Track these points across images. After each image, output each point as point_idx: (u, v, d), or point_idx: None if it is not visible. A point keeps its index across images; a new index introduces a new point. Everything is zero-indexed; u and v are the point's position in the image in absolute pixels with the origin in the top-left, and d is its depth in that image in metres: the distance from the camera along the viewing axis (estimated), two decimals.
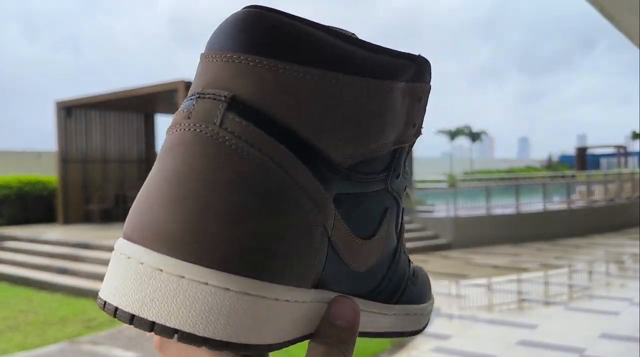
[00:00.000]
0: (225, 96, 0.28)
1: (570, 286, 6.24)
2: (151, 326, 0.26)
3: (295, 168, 0.28)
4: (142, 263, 0.27)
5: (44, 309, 5.75)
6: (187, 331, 0.26)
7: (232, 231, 0.27)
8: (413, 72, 0.32)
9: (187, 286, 0.26)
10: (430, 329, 4.59)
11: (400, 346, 4.17)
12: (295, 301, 0.29)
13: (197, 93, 0.28)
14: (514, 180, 13.31)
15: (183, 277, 0.26)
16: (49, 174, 13.00)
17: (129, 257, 0.27)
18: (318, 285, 0.31)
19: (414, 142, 0.36)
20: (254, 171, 0.27)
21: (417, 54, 0.33)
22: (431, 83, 0.35)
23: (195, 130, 0.27)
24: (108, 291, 0.27)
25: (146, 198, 0.28)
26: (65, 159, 11.76)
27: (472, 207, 11.25)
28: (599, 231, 11.35)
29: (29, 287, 6.92)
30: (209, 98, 0.28)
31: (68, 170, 11.83)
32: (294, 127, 0.28)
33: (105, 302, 0.27)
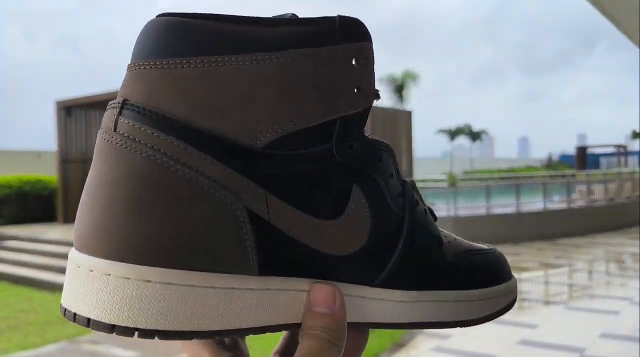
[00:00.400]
0: (118, 103, 0.30)
1: (571, 286, 6.23)
2: (73, 317, 0.29)
3: (190, 156, 0.29)
4: (72, 261, 0.30)
5: (44, 309, 5.75)
6: (96, 319, 0.28)
7: (128, 224, 0.28)
8: (334, 35, 0.31)
9: (94, 279, 0.28)
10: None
11: (400, 345, 4.16)
12: (232, 288, 0.29)
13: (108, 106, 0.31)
14: (514, 179, 13.32)
15: (92, 271, 0.28)
16: (49, 173, 13.00)
17: (69, 260, 0.30)
18: (276, 272, 0.31)
19: (369, 107, 0.33)
20: (145, 166, 0.29)
21: (335, 15, 0.32)
22: (372, 41, 0.32)
23: (102, 138, 0.30)
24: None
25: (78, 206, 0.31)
26: (65, 158, 11.77)
27: (472, 207, 11.24)
28: (599, 230, 11.34)
29: (30, 286, 6.92)
30: (110, 108, 0.30)
31: (68, 170, 11.84)
32: (183, 117, 0.29)
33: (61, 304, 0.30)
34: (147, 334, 0.28)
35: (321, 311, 0.31)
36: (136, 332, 0.28)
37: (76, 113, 11.89)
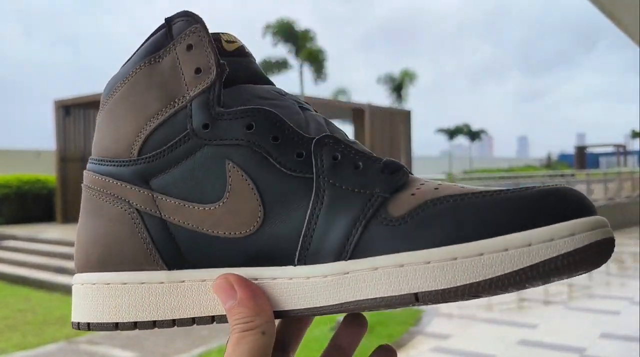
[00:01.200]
0: None
1: (571, 285, 6.23)
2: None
3: (98, 182, 0.35)
4: None
5: (42, 309, 5.74)
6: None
7: (76, 242, 0.36)
8: (167, 35, 0.34)
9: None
10: (429, 328, 4.58)
11: (399, 345, 4.15)
12: (142, 283, 0.33)
13: None
14: (514, 179, 13.31)
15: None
16: (48, 173, 12.98)
17: None
18: (193, 264, 0.33)
19: (213, 83, 0.33)
20: (83, 198, 0.37)
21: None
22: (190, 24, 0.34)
23: None
24: None
25: None
26: (64, 158, 11.76)
27: None
28: None
29: (28, 286, 6.91)
30: None
31: (67, 169, 11.82)
32: (99, 153, 0.36)
33: None
34: (80, 326, 0.35)
35: (228, 305, 0.31)
36: (77, 325, 0.35)
37: (75, 112, 11.87)
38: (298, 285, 0.31)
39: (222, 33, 0.36)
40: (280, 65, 14.23)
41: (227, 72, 0.33)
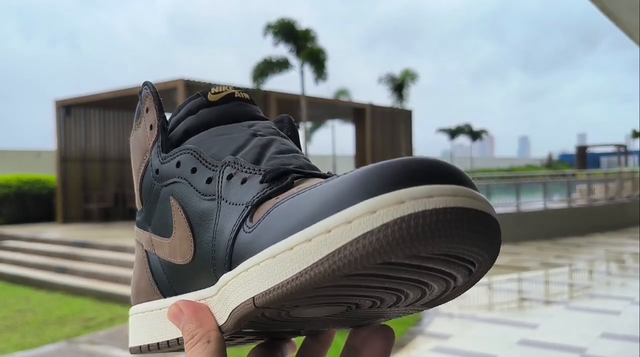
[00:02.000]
0: None
1: (571, 285, 6.22)
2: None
3: (135, 231, 0.42)
4: None
5: (42, 309, 5.73)
6: None
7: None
8: (137, 109, 0.41)
9: None
10: (430, 328, 4.57)
11: (400, 346, 4.15)
12: (152, 310, 0.39)
13: None
14: (515, 179, 13.29)
15: None
16: (48, 173, 12.98)
17: None
18: (174, 293, 0.38)
19: (157, 136, 0.39)
20: None
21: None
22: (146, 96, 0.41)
23: None
24: None
25: None
26: (64, 158, 11.75)
27: None
28: (600, 230, 11.33)
29: (28, 286, 6.90)
30: None
31: (67, 170, 11.82)
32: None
33: None
34: (129, 350, 0.41)
35: (181, 327, 0.34)
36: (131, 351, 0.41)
37: (75, 112, 11.86)
38: (217, 301, 0.33)
39: (213, 86, 0.41)
40: (282, 65, 14.19)
41: (167, 124, 0.40)
